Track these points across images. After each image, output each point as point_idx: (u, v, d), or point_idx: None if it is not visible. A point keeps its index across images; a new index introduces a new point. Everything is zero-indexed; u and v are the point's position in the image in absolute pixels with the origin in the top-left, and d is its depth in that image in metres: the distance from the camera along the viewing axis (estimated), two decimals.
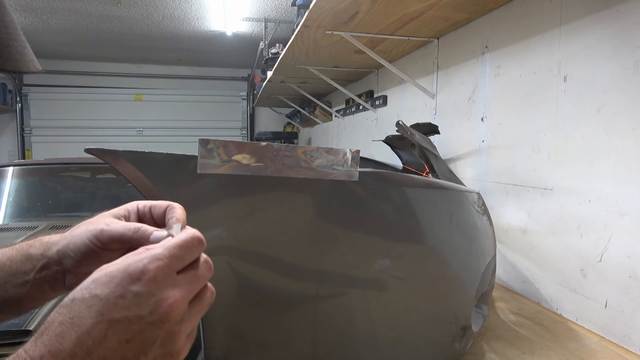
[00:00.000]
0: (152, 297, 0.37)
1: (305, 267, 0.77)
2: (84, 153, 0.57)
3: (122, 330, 0.36)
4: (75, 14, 3.88)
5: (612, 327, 1.21)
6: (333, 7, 1.80)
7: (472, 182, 1.95)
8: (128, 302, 0.36)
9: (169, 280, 0.38)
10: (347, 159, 0.71)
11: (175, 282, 0.38)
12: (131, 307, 0.36)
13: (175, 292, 0.38)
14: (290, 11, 3.61)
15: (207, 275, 0.42)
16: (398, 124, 1.54)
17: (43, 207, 2.27)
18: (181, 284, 0.39)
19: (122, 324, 0.36)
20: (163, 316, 0.37)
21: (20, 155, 6.03)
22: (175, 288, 0.38)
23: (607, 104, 1.24)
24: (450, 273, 0.99)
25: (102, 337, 0.35)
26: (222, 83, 6.63)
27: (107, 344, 0.35)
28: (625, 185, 1.18)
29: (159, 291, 0.37)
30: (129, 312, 0.36)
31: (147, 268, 0.37)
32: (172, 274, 0.39)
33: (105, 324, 0.35)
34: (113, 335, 0.35)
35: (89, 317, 0.35)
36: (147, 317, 0.36)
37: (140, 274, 0.37)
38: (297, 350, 0.79)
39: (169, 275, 0.38)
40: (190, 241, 0.41)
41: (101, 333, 0.35)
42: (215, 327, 0.69)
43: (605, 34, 1.25)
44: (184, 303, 0.38)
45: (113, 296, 0.36)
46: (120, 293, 0.36)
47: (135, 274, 0.37)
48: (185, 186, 0.64)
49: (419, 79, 2.47)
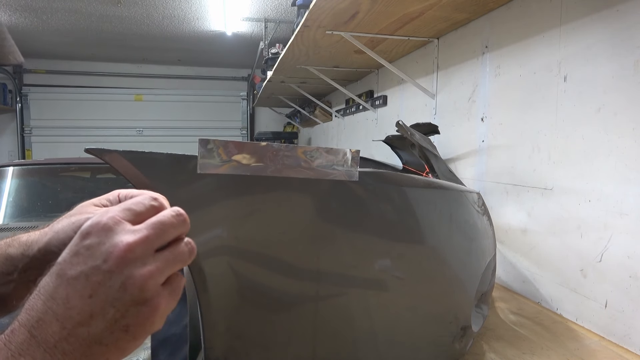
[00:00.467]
0: (102, 245, 0.36)
1: (305, 267, 0.77)
2: (84, 153, 0.57)
3: (82, 286, 0.35)
4: (75, 14, 3.88)
5: (612, 327, 1.21)
6: (333, 7, 1.80)
7: (472, 182, 1.95)
8: (82, 257, 0.36)
9: (120, 227, 0.37)
10: (347, 159, 0.71)
11: (128, 229, 0.38)
12: (86, 260, 0.36)
13: (128, 236, 0.37)
14: (290, 11, 3.61)
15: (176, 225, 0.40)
16: (398, 124, 1.54)
17: (43, 207, 2.27)
18: (136, 230, 0.38)
19: (80, 280, 0.35)
20: (118, 260, 0.36)
21: (20, 155, 6.03)
22: (127, 234, 0.37)
23: (607, 104, 1.24)
24: (450, 273, 0.99)
25: (65, 298, 0.35)
26: (222, 83, 6.63)
27: (70, 303, 0.35)
28: (625, 185, 1.18)
29: (109, 239, 0.37)
30: (84, 266, 0.36)
31: (95, 221, 0.37)
32: (122, 224, 0.38)
33: (65, 284, 0.35)
34: (74, 293, 0.35)
35: (51, 282, 0.36)
36: (102, 265, 0.36)
37: (90, 227, 0.37)
38: (297, 350, 0.79)
39: (119, 224, 0.38)
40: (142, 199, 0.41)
41: (62, 294, 0.35)
42: (215, 327, 0.69)
43: (605, 34, 1.25)
44: (140, 246, 0.37)
45: (68, 256, 0.36)
46: (74, 251, 0.36)
47: (86, 229, 0.37)
48: (185, 186, 0.64)
49: (419, 79, 2.47)
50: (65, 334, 0.34)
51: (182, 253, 0.40)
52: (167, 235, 0.40)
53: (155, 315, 0.37)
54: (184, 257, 0.41)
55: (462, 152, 2.05)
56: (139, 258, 0.37)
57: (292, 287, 0.77)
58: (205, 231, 0.66)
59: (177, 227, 0.40)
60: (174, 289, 0.40)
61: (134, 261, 0.36)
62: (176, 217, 0.41)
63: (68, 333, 0.35)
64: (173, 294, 0.40)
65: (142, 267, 0.37)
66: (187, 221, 0.42)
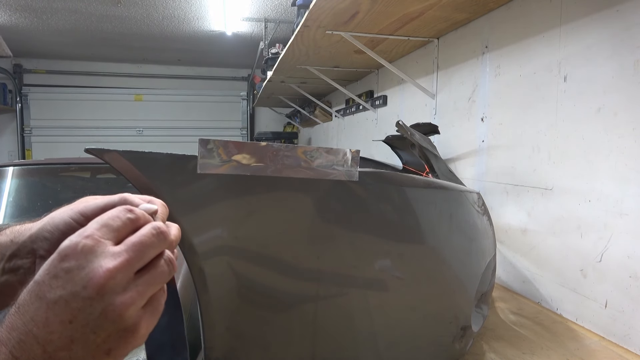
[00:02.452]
0: (82, 270, 0.35)
1: (305, 267, 0.77)
2: (84, 153, 0.57)
3: (62, 311, 0.34)
4: (75, 14, 3.88)
5: (612, 327, 1.21)
6: (333, 7, 1.80)
7: (472, 182, 1.95)
8: (61, 281, 0.35)
9: (100, 249, 0.36)
10: (347, 159, 0.71)
11: (107, 252, 0.36)
12: (65, 285, 0.35)
13: (108, 261, 0.36)
14: (290, 11, 3.61)
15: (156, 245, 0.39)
16: (398, 124, 1.54)
17: (43, 207, 2.27)
18: (116, 253, 0.37)
19: (59, 304, 0.35)
20: (97, 288, 0.35)
21: (20, 155, 6.03)
22: (107, 258, 0.36)
23: (607, 104, 1.24)
24: (450, 273, 0.99)
25: (45, 322, 0.34)
26: (222, 83, 6.63)
27: (50, 327, 0.34)
28: (625, 185, 1.18)
29: (88, 263, 0.35)
30: (63, 290, 0.35)
31: (73, 242, 0.36)
32: (101, 245, 0.37)
33: (45, 307, 0.35)
34: (54, 317, 0.34)
35: (30, 303, 0.35)
36: (82, 292, 0.35)
37: (69, 249, 0.36)
38: (297, 351, 0.79)
39: (98, 244, 0.36)
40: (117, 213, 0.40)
41: (42, 317, 0.34)
42: (215, 327, 0.69)
43: (605, 34, 1.25)
44: (121, 272, 0.36)
45: (47, 277, 0.35)
46: (53, 273, 0.35)
47: (64, 250, 0.36)
48: (185, 186, 0.64)
49: (419, 79, 2.47)
50: (46, 357, 0.34)
51: (162, 273, 0.39)
52: (147, 256, 0.39)
53: (136, 337, 0.37)
54: (163, 276, 0.40)
55: (462, 152, 2.05)
56: (119, 284, 0.36)
57: (292, 287, 0.77)
58: (205, 231, 0.66)
59: (157, 247, 0.39)
60: (155, 307, 0.39)
61: (114, 288, 0.36)
62: (157, 235, 0.39)
63: (49, 357, 0.34)
64: (154, 313, 0.39)
65: (123, 294, 0.36)
66: (168, 238, 0.40)
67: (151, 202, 0.45)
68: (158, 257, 0.40)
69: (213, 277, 0.66)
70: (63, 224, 0.44)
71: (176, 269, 0.41)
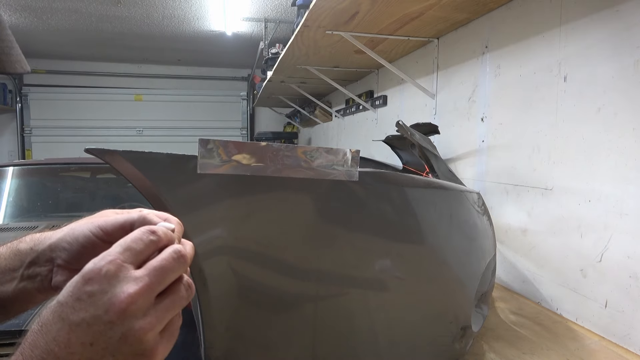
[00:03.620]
0: (104, 295, 0.36)
1: (305, 267, 0.77)
2: (84, 153, 0.57)
3: (83, 334, 0.35)
4: (75, 14, 3.88)
5: (612, 327, 1.21)
6: (333, 7, 1.80)
7: (472, 182, 1.95)
8: (84, 304, 0.36)
9: (122, 274, 0.37)
10: (347, 159, 0.71)
11: (129, 277, 0.37)
12: (87, 308, 0.36)
13: (130, 286, 0.37)
14: (290, 11, 3.61)
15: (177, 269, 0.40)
16: (398, 124, 1.54)
17: (43, 207, 2.27)
18: (138, 278, 0.37)
19: (81, 327, 0.35)
20: (119, 313, 0.36)
21: (20, 155, 6.03)
22: (129, 283, 0.37)
23: (607, 104, 1.24)
24: (450, 273, 0.99)
25: (66, 342, 0.35)
26: (222, 83, 6.63)
27: (71, 348, 0.35)
28: (625, 185, 1.18)
29: (111, 287, 0.36)
30: (86, 313, 0.36)
31: (97, 267, 0.37)
32: (124, 269, 0.37)
33: (67, 329, 0.35)
34: (76, 339, 0.35)
35: (53, 323, 0.36)
36: (104, 316, 0.36)
37: (92, 273, 0.37)
38: (297, 351, 0.79)
39: (121, 269, 0.37)
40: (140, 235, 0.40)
41: (65, 338, 0.35)
42: (216, 327, 0.69)
43: (605, 34, 1.25)
44: (142, 297, 0.37)
45: (71, 300, 0.36)
46: (77, 296, 0.36)
47: (88, 274, 0.37)
48: (185, 186, 0.64)
49: (419, 79, 2.47)
50: None
51: (181, 298, 0.40)
52: (167, 280, 0.39)
53: None
54: (182, 301, 0.40)
55: (462, 152, 2.05)
56: (140, 309, 0.37)
57: (292, 287, 0.77)
58: (205, 231, 0.66)
59: (177, 270, 0.40)
60: (172, 332, 0.40)
61: (135, 313, 0.36)
62: (177, 260, 0.40)
63: None
64: (170, 339, 0.40)
65: (143, 319, 0.37)
66: (188, 260, 0.41)
67: (167, 220, 0.46)
68: (178, 281, 0.41)
69: (213, 277, 0.66)
70: (82, 237, 0.45)
71: (194, 293, 0.42)
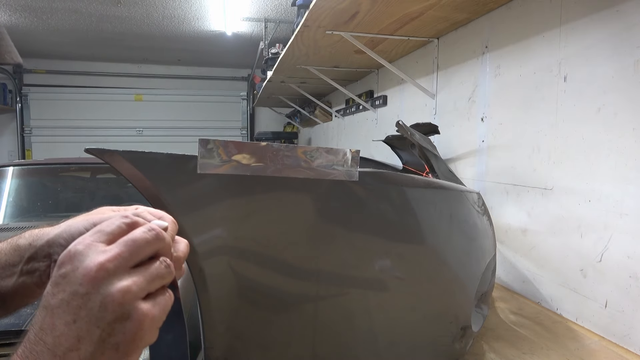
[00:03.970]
0: (76, 270, 0.37)
1: (305, 268, 0.77)
2: (84, 153, 0.57)
3: (64, 313, 0.36)
4: (75, 14, 3.88)
5: (612, 327, 1.21)
6: (333, 7, 1.80)
7: (472, 182, 1.95)
8: (61, 286, 0.37)
9: (92, 250, 0.38)
10: (347, 159, 0.71)
11: (99, 250, 0.38)
12: (64, 288, 0.37)
13: (99, 256, 0.38)
14: (290, 11, 3.61)
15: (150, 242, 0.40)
16: (398, 124, 1.54)
17: (43, 207, 2.27)
18: (107, 250, 0.38)
19: (62, 307, 0.37)
20: (92, 281, 0.37)
21: (20, 155, 6.03)
22: (98, 254, 0.38)
23: (607, 104, 1.24)
24: (450, 273, 0.99)
25: (52, 327, 0.36)
26: (222, 83, 6.63)
27: (57, 331, 0.36)
28: (625, 185, 1.18)
29: (81, 263, 0.38)
30: (64, 294, 0.37)
31: (67, 250, 0.39)
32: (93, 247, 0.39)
33: (50, 314, 0.37)
34: (59, 321, 0.36)
35: (39, 314, 0.37)
36: (79, 289, 0.37)
37: (63, 257, 0.38)
38: (297, 351, 0.79)
39: (90, 246, 0.38)
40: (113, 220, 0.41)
41: (49, 324, 0.36)
42: (216, 327, 0.69)
43: (605, 34, 1.25)
44: (112, 263, 0.38)
45: (50, 287, 0.38)
46: (54, 282, 0.38)
47: (61, 259, 0.38)
48: (185, 186, 0.64)
49: (419, 79, 2.47)
50: None
51: (157, 269, 0.40)
52: (141, 252, 0.40)
53: (142, 329, 0.38)
54: (161, 272, 0.41)
55: (462, 152, 2.05)
56: (113, 275, 0.37)
57: (292, 287, 0.77)
58: (205, 231, 0.66)
59: (151, 244, 0.41)
60: (159, 302, 0.40)
61: (108, 279, 0.37)
62: (148, 232, 0.41)
63: None
64: (158, 306, 0.40)
65: (118, 283, 0.37)
66: (162, 236, 0.42)
67: (162, 218, 0.46)
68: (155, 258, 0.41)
69: (213, 277, 0.66)
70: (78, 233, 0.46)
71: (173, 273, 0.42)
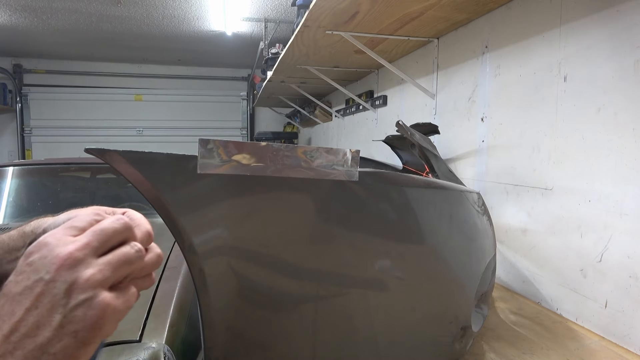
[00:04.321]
0: (44, 259, 0.38)
1: (305, 268, 0.77)
2: (84, 153, 0.57)
3: (26, 300, 0.36)
4: (75, 14, 3.88)
5: (612, 327, 1.21)
6: (333, 7, 1.80)
7: (472, 182, 1.95)
8: (26, 274, 0.37)
9: (61, 241, 0.39)
10: (347, 159, 0.71)
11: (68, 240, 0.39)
12: (29, 276, 0.37)
13: (68, 246, 0.38)
14: (290, 11, 3.61)
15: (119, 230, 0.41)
16: (398, 124, 1.54)
17: (43, 207, 2.27)
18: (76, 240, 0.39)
19: (24, 294, 0.36)
20: (58, 268, 0.37)
21: (20, 155, 6.03)
22: (67, 244, 0.38)
23: (607, 104, 1.24)
24: (450, 273, 0.99)
25: (10, 314, 0.36)
26: (222, 83, 6.63)
27: (15, 317, 0.36)
28: (625, 185, 1.18)
29: (50, 252, 0.38)
30: (28, 281, 0.37)
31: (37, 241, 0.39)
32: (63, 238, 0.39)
33: (10, 301, 0.37)
34: (19, 307, 0.36)
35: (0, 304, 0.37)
36: (45, 276, 0.37)
37: (33, 247, 0.39)
38: (297, 351, 0.79)
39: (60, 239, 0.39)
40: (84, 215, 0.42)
41: (8, 310, 0.36)
42: (216, 327, 0.69)
43: (605, 34, 1.25)
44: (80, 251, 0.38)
45: (14, 276, 0.38)
46: (19, 271, 0.38)
47: (29, 250, 0.39)
48: (185, 186, 0.64)
49: (419, 79, 2.47)
50: (10, 348, 0.35)
51: (126, 254, 0.41)
52: (109, 241, 0.40)
53: (103, 317, 0.37)
54: (129, 257, 0.41)
55: (462, 152, 2.05)
56: (80, 263, 0.38)
57: (292, 287, 0.77)
58: (205, 231, 0.66)
59: (120, 232, 0.41)
60: (124, 294, 0.40)
61: (75, 266, 0.37)
62: (116, 221, 0.41)
63: (13, 347, 0.35)
64: (122, 298, 0.40)
65: (85, 270, 0.38)
66: (130, 226, 0.42)
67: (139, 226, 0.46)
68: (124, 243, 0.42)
69: (213, 277, 0.66)
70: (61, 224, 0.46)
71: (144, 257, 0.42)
